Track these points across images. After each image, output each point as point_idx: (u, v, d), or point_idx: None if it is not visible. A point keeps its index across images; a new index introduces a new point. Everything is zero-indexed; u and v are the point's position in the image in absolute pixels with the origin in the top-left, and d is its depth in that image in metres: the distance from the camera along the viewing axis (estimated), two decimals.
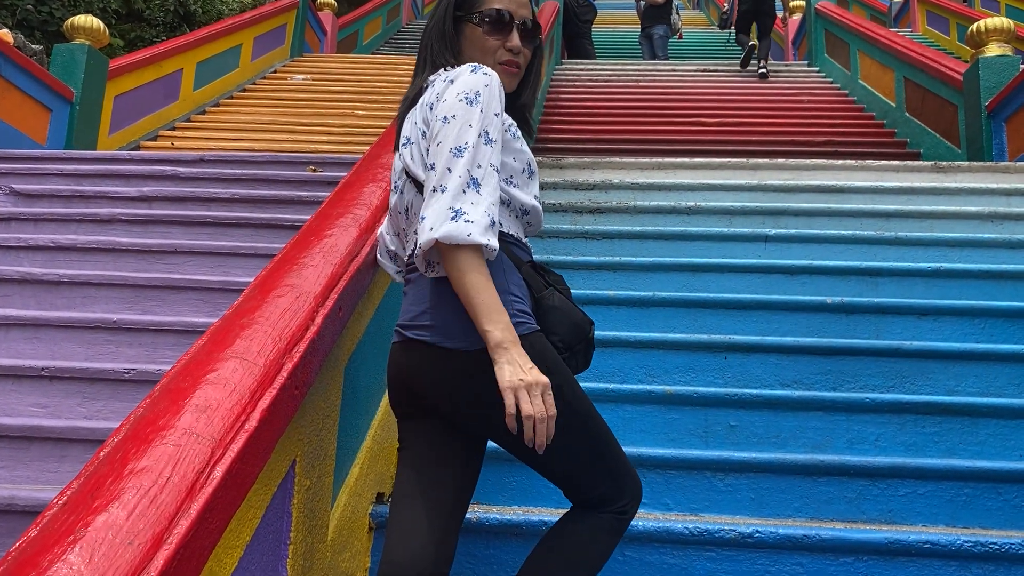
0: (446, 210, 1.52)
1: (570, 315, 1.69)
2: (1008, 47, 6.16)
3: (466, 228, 1.50)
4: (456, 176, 1.54)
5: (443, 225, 1.50)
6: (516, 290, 1.63)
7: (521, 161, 1.73)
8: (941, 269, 3.77)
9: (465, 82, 1.63)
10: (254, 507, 1.54)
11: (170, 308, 3.69)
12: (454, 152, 1.56)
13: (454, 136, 1.57)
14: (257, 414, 1.48)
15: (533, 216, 1.77)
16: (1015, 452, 2.78)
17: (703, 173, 5.24)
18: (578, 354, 1.71)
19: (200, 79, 8.72)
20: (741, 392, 2.92)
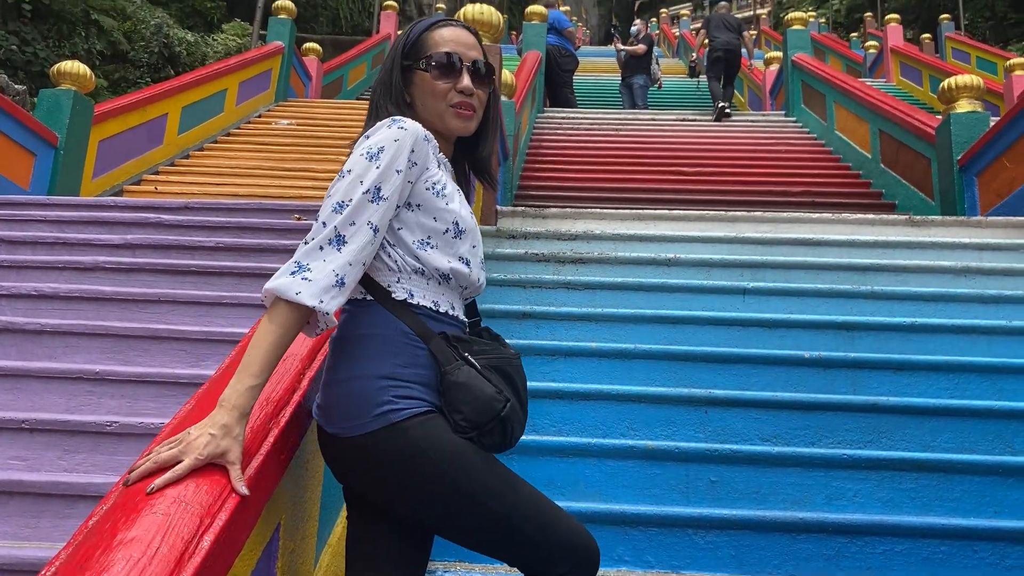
0: (293, 263, 1.50)
1: (478, 392, 1.56)
2: (978, 103, 6.34)
3: (297, 286, 1.46)
4: (325, 231, 1.51)
5: (280, 277, 1.48)
6: (400, 371, 1.55)
7: (445, 221, 1.64)
8: (916, 324, 3.84)
9: (376, 137, 1.60)
10: (241, 572, 1.55)
11: (153, 358, 3.68)
12: (336, 207, 1.53)
13: (343, 191, 1.54)
14: (250, 470, 1.50)
15: (461, 279, 1.66)
16: (989, 508, 2.82)
17: (682, 225, 5.32)
18: (492, 433, 1.57)
19: (185, 123, 8.76)
20: (722, 447, 2.96)
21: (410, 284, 1.61)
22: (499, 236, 5.08)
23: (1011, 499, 2.84)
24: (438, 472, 1.50)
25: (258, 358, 1.45)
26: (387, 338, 1.56)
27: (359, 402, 1.53)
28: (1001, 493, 2.85)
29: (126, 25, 17.45)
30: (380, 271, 1.62)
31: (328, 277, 1.47)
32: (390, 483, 1.54)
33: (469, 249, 1.68)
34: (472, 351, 1.61)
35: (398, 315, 1.58)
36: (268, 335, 1.46)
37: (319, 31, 23.43)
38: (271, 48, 11.08)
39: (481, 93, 1.74)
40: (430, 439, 1.52)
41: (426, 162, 1.63)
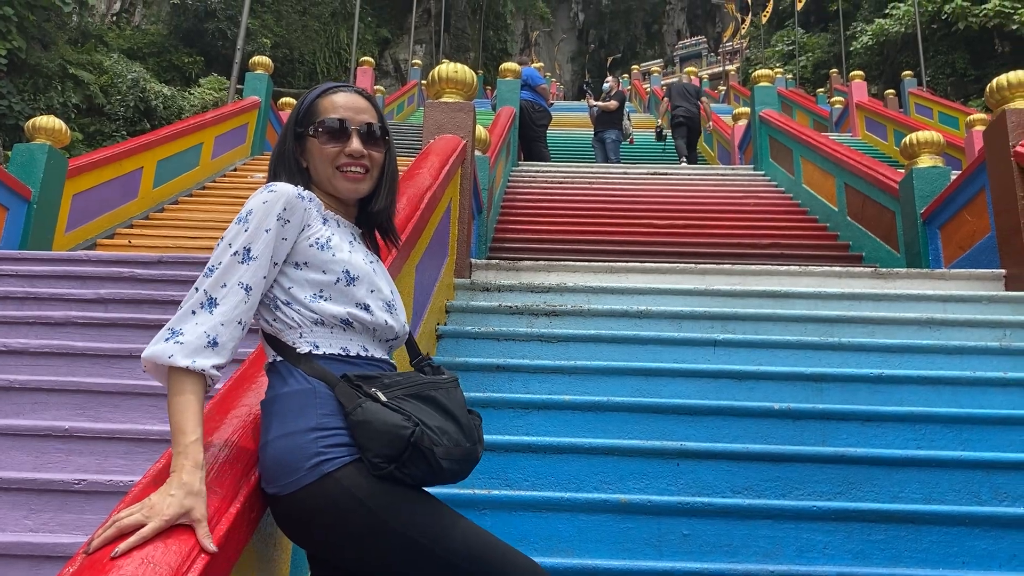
0: (166, 330, 1.53)
1: (380, 425, 1.54)
2: (939, 158, 6.52)
3: (170, 349, 1.50)
4: (197, 295, 1.56)
5: (155, 345, 1.52)
6: (325, 421, 1.57)
7: (333, 272, 1.67)
8: (883, 375, 3.91)
9: (248, 204, 1.66)
10: None
11: (123, 414, 3.66)
12: (206, 272, 1.58)
13: (214, 256, 1.60)
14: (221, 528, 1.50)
15: (364, 323, 1.68)
16: (958, 559, 2.85)
17: (654, 277, 5.39)
18: (412, 462, 1.55)
19: (160, 177, 8.80)
20: (694, 500, 2.97)
21: (313, 336, 1.66)
22: (473, 289, 5.12)
23: (979, 549, 2.87)
24: (373, 518, 1.53)
25: (181, 421, 1.49)
26: (303, 392, 1.59)
27: (292, 458, 1.54)
28: (969, 543, 2.88)
29: (103, 79, 17.57)
30: (283, 331, 1.67)
31: (200, 338, 1.52)
32: (332, 535, 1.55)
33: (367, 293, 1.71)
34: (382, 385, 1.61)
35: (306, 368, 1.62)
36: (176, 404, 1.50)
37: (296, 85, 23.72)
38: (247, 103, 11.19)
39: (375, 155, 1.79)
40: (362, 486, 1.53)
41: (305, 219, 1.68)
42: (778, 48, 32.65)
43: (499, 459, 3.27)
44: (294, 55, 24.87)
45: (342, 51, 25.81)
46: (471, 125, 5.35)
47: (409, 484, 1.58)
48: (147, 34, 22.39)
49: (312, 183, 1.78)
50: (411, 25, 27.01)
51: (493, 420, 3.42)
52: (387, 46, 30.34)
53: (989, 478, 3.20)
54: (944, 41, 23.60)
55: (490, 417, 3.35)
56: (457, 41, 33.57)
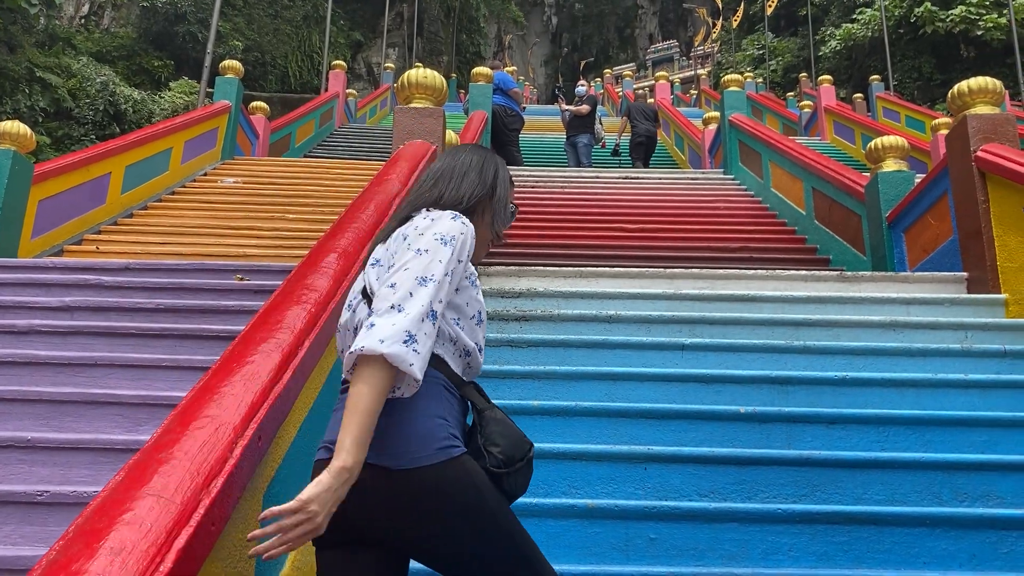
0: (402, 332, 1.60)
1: (512, 430, 1.75)
2: (904, 163, 6.62)
3: (411, 358, 1.59)
4: (419, 304, 1.64)
5: (395, 345, 1.58)
6: (450, 414, 1.71)
7: (473, 309, 1.85)
8: (847, 378, 3.96)
9: (445, 226, 1.77)
10: None
11: (88, 424, 3.62)
12: (420, 280, 1.67)
13: (423, 267, 1.68)
14: (173, 555, 1.50)
15: (474, 359, 1.84)
16: (918, 559, 2.90)
17: (623, 282, 5.42)
18: (519, 473, 1.72)
19: (128, 182, 8.68)
20: (660, 504, 3.00)
21: (443, 350, 1.77)
22: None
23: (938, 549, 2.92)
24: (484, 505, 1.64)
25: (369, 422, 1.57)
26: (434, 383, 1.70)
27: (422, 438, 1.64)
28: (930, 543, 2.93)
29: (71, 82, 17.35)
30: None
31: (426, 356, 1.63)
32: (438, 513, 1.62)
33: (483, 338, 1.89)
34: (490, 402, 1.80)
35: (438, 368, 1.73)
36: (374, 401, 1.58)
37: (268, 89, 23.57)
38: (218, 107, 11.10)
39: None
40: (481, 475, 1.67)
41: (470, 256, 1.84)
42: (749, 52, 32.95)
43: None
44: (266, 58, 24.69)
45: (314, 54, 25.66)
46: (441, 131, 5.36)
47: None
48: (116, 37, 22.13)
49: None
50: (384, 28, 26.94)
51: None
52: (359, 49, 30.23)
53: (950, 479, 3.26)
54: (911, 46, 23.96)
55: None
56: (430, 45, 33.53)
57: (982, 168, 5.13)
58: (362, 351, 1.59)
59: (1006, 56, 20.10)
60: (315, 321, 2.50)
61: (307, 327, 2.43)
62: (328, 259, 2.95)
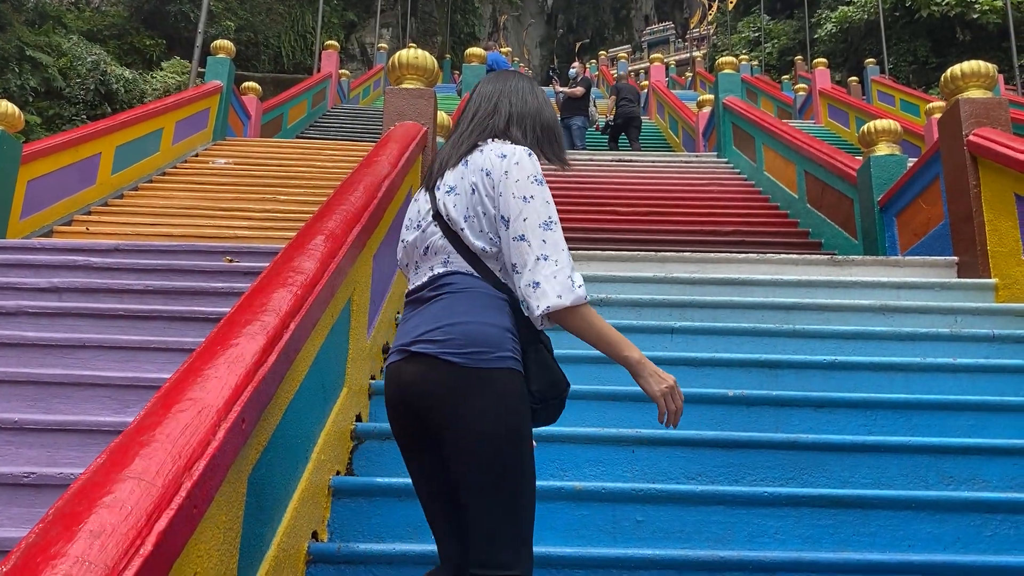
0: (566, 280, 1.88)
1: (552, 372, 2.00)
2: (896, 147, 6.61)
3: (582, 293, 1.90)
4: (560, 250, 1.90)
5: (569, 294, 1.87)
6: (514, 330, 1.92)
7: None
8: (836, 362, 3.96)
9: (532, 165, 1.98)
10: None
11: (76, 406, 3.61)
12: (544, 226, 1.91)
13: (537, 213, 1.91)
14: (153, 537, 1.49)
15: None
16: (904, 542, 2.91)
17: (614, 265, 5.42)
18: (549, 408, 2.01)
19: (119, 163, 8.64)
20: (648, 487, 3.00)
21: (509, 280, 1.97)
22: None
23: (923, 532, 2.93)
24: (520, 417, 1.87)
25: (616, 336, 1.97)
26: (502, 303, 1.93)
27: (490, 343, 1.86)
28: (915, 527, 2.94)
29: (62, 62, 17.20)
30: (491, 259, 1.98)
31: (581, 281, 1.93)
32: (484, 410, 1.83)
33: None
34: (542, 338, 2.01)
35: (504, 291, 1.95)
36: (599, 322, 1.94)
37: (261, 69, 23.39)
38: (209, 87, 11.03)
39: None
40: (525, 393, 1.90)
41: None
42: (744, 35, 32.82)
43: None
44: (258, 38, 24.50)
45: (307, 34, 25.46)
46: (432, 112, 5.33)
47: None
48: (107, 16, 21.94)
49: None
50: (377, 9, 26.76)
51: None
52: (353, 29, 30.01)
53: (936, 463, 3.27)
54: (907, 29, 23.89)
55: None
56: (424, 25, 33.31)
57: (974, 152, 5.12)
58: (549, 310, 1.85)
59: (1002, 40, 20.07)
60: (301, 304, 2.48)
61: (293, 309, 2.42)
62: (315, 241, 2.93)
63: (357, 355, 3.46)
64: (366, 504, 2.95)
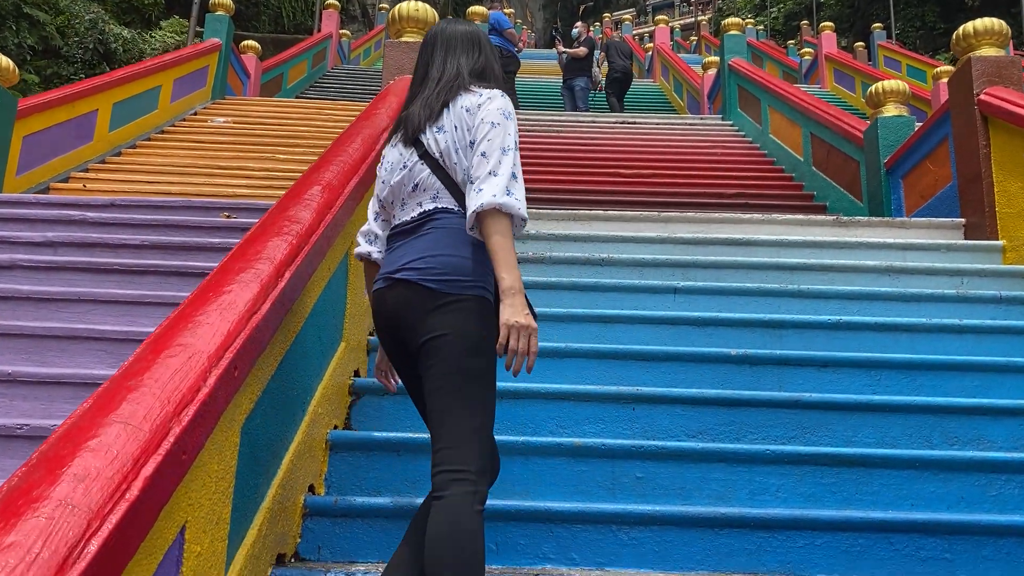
0: (503, 188, 2.07)
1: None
2: (904, 108, 6.50)
3: (516, 204, 2.08)
4: (507, 168, 2.11)
5: (503, 197, 2.05)
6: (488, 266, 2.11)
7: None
8: (841, 322, 3.91)
9: (504, 102, 2.23)
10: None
11: (70, 359, 3.57)
12: (502, 150, 2.13)
13: (500, 139, 2.14)
14: (140, 482, 1.45)
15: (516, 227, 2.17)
16: (907, 501, 2.88)
17: (616, 225, 5.35)
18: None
19: (116, 120, 8.53)
20: (648, 444, 2.97)
21: None
22: None
23: (927, 492, 2.90)
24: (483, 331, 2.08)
25: (510, 256, 2.05)
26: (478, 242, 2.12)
27: (465, 272, 2.10)
28: (918, 486, 2.91)
29: (59, 19, 16.95)
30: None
31: (523, 200, 2.10)
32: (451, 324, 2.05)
33: None
34: None
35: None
36: (508, 240, 2.05)
37: (261, 29, 23.03)
38: (208, 45, 10.86)
39: None
40: (490, 314, 2.10)
41: None
42: None
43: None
44: None
45: None
46: None
47: None
48: None
49: None
50: None
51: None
52: None
53: (940, 423, 3.23)
54: None
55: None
56: None
57: (985, 112, 5.03)
58: (482, 207, 2.04)
59: (1011, 5, 19.75)
60: (296, 253, 2.43)
61: (288, 258, 2.36)
62: (311, 192, 2.87)
63: (355, 311, 3.41)
64: (364, 458, 2.92)
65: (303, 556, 2.57)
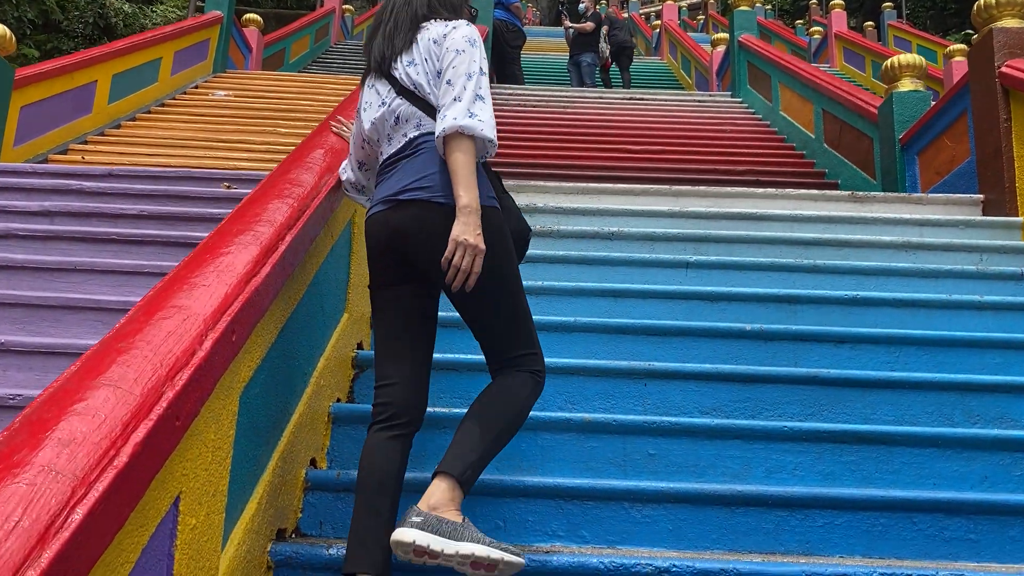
0: (466, 111, 2.14)
1: (520, 218, 2.41)
2: (920, 83, 6.35)
3: (479, 125, 2.14)
4: (470, 92, 2.17)
5: (464, 119, 2.12)
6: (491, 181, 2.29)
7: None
8: (858, 297, 3.80)
9: (469, 30, 2.30)
10: (126, 550, 1.40)
11: (66, 329, 3.47)
12: (466, 76, 2.19)
13: (466, 65, 2.20)
14: (129, 448, 1.35)
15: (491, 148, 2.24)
16: (928, 480, 2.79)
17: (626, 199, 5.23)
18: (517, 248, 2.33)
19: (116, 92, 8.40)
20: (660, 420, 2.87)
21: None
22: None
23: (949, 471, 2.80)
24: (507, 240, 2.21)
25: (470, 175, 2.10)
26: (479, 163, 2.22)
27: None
28: (940, 465, 2.81)
29: None
30: None
31: (489, 120, 2.17)
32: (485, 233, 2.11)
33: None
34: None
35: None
36: (469, 159, 2.12)
37: (263, 4, 22.80)
38: (209, 17, 10.71)
39: None
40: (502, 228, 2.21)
41: None
42: None
43: (464, 378, 3.16)
44: None
45: None
46: None
47: None
48: None
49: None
50: None
51: (458, 339, 3.27)
52: None
53: (962, 400, 3.13)
54: None
55: (455, 336, 3.21)
56: None
57: (1006, 84, 4.89)
58: (444, 132, 2.11)
59: None
60: (298, 216, 2.32)
61: (289, 221, 2.26)
62: (314, 155, 2.76)
63: (359, 281, 3.31)
64: (366, 432, 2.81)
65: (304, 531, 2.48)
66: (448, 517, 1.96)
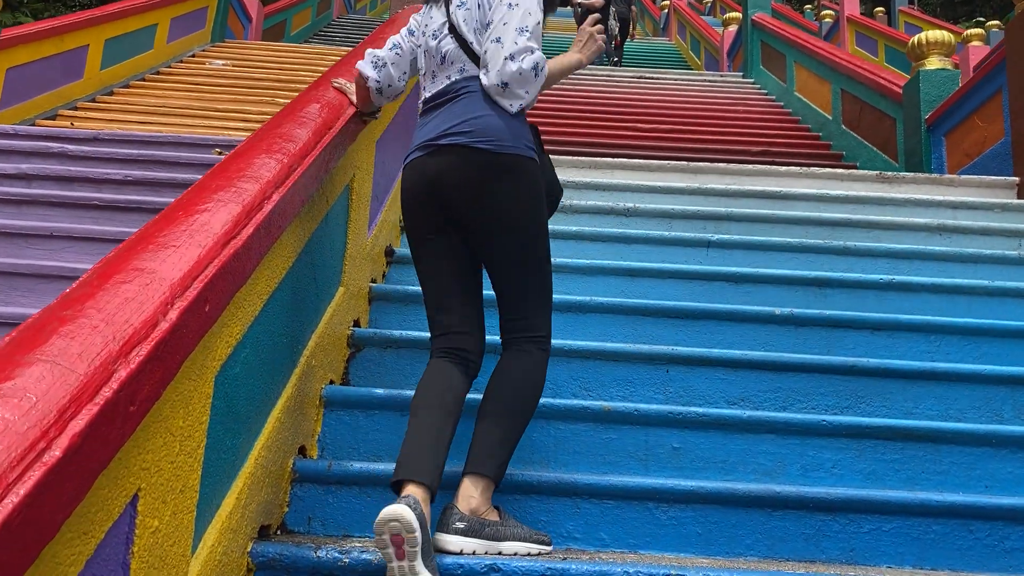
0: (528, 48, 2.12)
1: (553, 172, 2.34)
2: (948, 61, 6.07)
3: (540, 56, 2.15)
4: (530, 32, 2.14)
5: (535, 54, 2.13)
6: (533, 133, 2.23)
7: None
8: (893, 282, 3.54)
9: None
10: (63, 563, 1.14)
11: (38, 299, 3.22)
12: (518, 31, 2.13)
13: (519, 19, 2.14)
14: (65, 439, 1.08)
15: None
16: (980, 483, 2.53)
17: (641, 175, 4.96)
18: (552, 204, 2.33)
19: (108, 58, 8.09)
20: (686, 411, 2.60)
21: None
22: None
23: (1003, 473, 2.55)
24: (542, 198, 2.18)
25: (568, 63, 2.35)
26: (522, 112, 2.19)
27: (513, 133, 2.12)
28: (993, 466, 2.56)
29: None
30: None
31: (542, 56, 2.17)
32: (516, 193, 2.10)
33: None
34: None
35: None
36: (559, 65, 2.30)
37: None
38: None
39: None
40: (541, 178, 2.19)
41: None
42: None
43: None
44: None
45: None
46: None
47: None
48: None
49: None
50: None
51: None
52: None
53: (1012, 395, 2.88)
54: None
55: None
56: None
57: None
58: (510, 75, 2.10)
59: None
60: (288, 174, 2.05)
61: (277, 179, 1.98)
62: (310, 109, 2.48)
63: (356, 252, 3.04)
64: (363, 418, 2.56)
65: (290, 528, 2.23)
66: (489, 518, 1.99)
